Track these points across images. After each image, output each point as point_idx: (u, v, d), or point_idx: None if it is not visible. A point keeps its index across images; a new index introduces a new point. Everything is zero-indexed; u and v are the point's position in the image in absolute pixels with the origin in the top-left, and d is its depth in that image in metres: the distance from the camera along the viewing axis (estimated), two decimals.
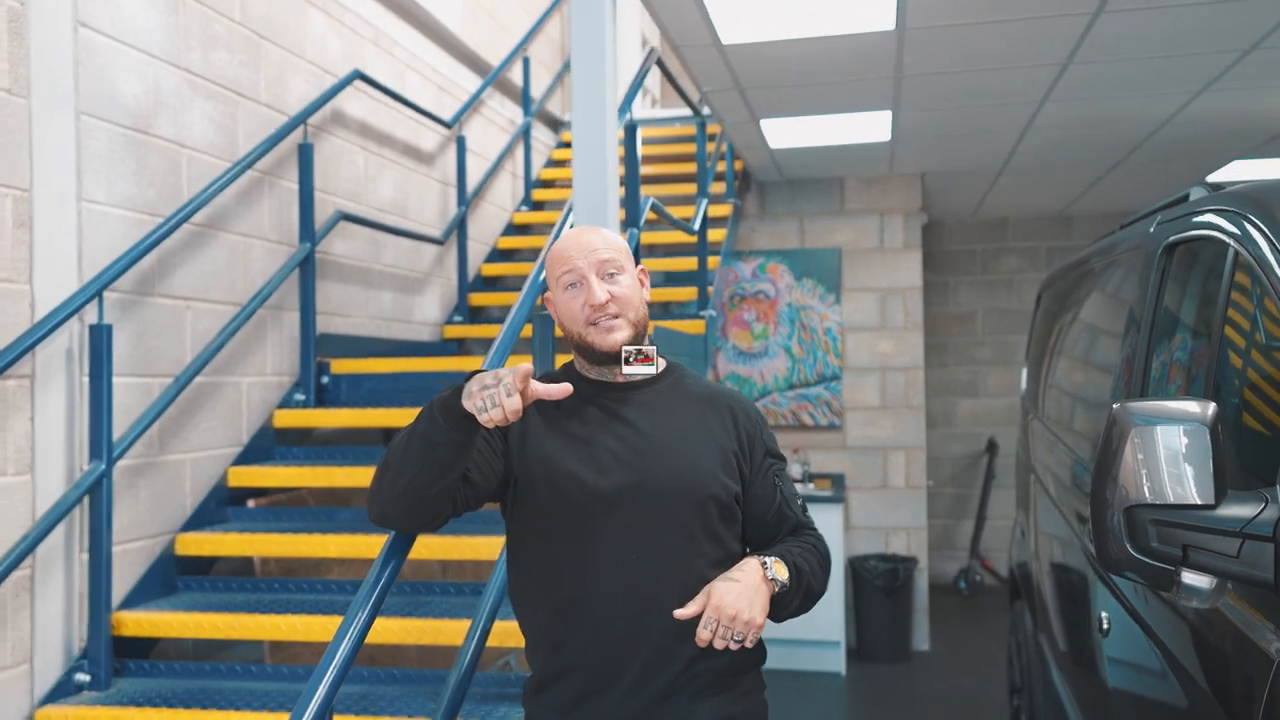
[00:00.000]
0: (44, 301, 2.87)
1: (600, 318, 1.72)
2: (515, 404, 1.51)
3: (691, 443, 1.73)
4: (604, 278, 1.73)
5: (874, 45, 3.94)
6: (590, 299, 1.71)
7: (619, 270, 1.74)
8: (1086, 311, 3.44)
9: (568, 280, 1.74)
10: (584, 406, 1.75)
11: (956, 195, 7.14)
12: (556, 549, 1.70)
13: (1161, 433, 1.52)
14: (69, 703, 2.86)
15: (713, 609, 1.52)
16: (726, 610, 1.52)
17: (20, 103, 2.82)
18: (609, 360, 1.73)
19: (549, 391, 1.59)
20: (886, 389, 6.45)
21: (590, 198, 2.68)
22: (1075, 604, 2.91)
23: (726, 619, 1.52)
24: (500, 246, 6.05)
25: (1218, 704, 1.68)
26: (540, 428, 1.74)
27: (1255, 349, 1.93)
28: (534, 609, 1.74)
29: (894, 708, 5.38)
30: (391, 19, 4.92)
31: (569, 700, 1.68)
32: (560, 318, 1.78)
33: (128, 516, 3.20)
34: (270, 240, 3.94)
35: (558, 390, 1.60)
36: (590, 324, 1.72)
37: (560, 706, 1.69)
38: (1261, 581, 1.47)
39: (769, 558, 1.63)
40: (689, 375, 1.86)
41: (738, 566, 1.60)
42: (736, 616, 1.52)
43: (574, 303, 1.74)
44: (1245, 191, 2.02)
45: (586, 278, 1.72)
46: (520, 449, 1.73)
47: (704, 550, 1.68)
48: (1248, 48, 4.05)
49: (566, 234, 1.80)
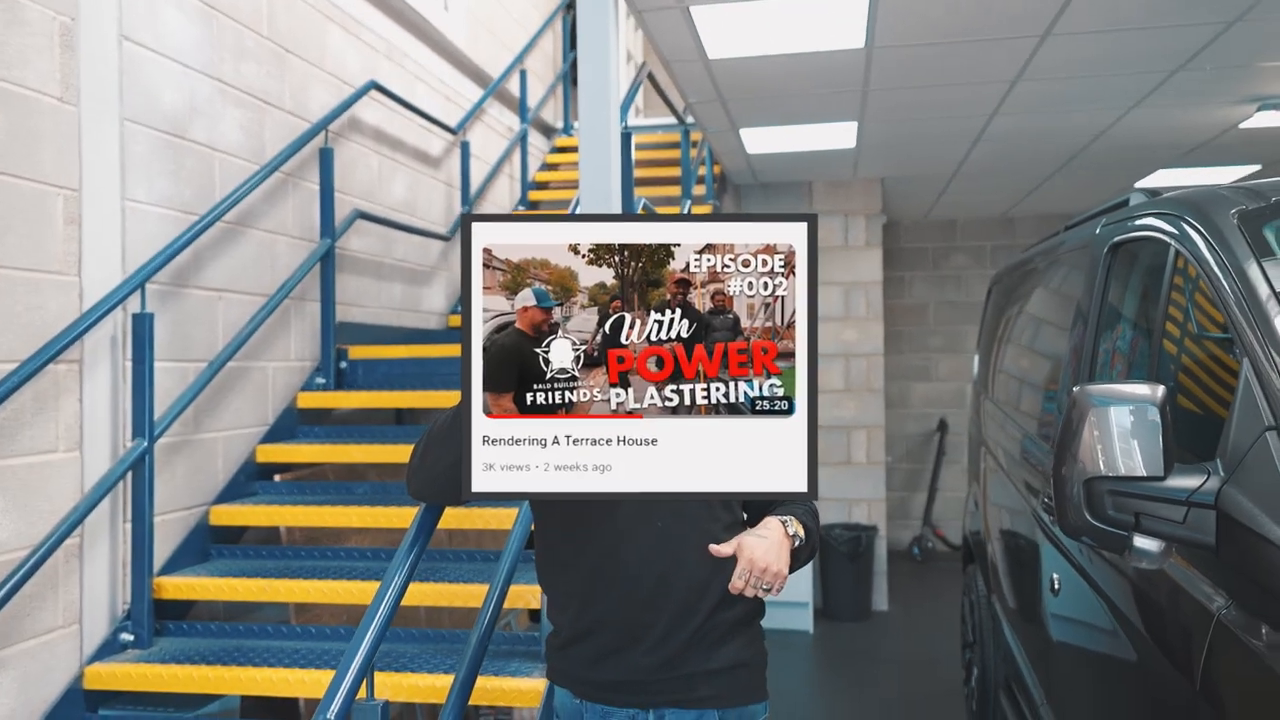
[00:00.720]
0: (91, 292, 2.86)
1: None
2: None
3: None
4: None
5: (845, 62, 3.97)
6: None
7: None
8: (1032, 305, 3.49)
9: None
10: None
11: (912, 198, 7.20)
12: (587, 518, 1.72)
13: (1116, 412, 1.56)
14: (115, 660, 2.86)
15: (746, 561, 1.54)
16: (758, 563, 1.54)
17: (71, 110, 2.80)
18: None
19: None
20: (850, 373, 6.51)
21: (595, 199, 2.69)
22: (1025, 567, 2.97)
23: (758, 570, 1.54)
24: None
25: (1162, 655, 1.73)
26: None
27: (1189, 338, 1.98)
28: (563, 573, 1.76)
29: (857, 661, 5.45)
30: (403, 35, 4.89)
31: (599, 654, 1.70)
32: None
33: (166, 490, 3.19)
34: (294, 236, 3.92)
35: None
36: None
37: (590, 659, 1.72)
38: (1204, 545, 1.52)
39: (787, 517, 1.65)
40: None
41: (763, 524, 1.62)
42: (767, 568, 1.54)
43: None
44: (1184, 197, 2.06)
45: None
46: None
47: (719, 515, 1.72)
48: (1174, 69, 4.10)
49: None
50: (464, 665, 2.06)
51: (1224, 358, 1.76)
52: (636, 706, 1.69)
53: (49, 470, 2.72)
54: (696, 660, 1.69)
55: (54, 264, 2.75)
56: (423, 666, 2.73)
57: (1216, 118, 4.93)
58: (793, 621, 5.85)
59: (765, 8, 3.39)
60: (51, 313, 2.73)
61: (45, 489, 2.70)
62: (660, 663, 1.68)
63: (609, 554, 1.70)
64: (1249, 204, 1.83)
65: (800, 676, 5.18)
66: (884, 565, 6.42)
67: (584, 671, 1.72)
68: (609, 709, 1.70)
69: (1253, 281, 1.65)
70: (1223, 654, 1.48)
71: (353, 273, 4.39)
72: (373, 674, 1.72)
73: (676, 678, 1.68)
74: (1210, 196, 1.95)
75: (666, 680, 1.68)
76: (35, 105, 2.69)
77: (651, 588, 1.68)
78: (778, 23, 3.53)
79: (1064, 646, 2.48)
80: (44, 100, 2.71)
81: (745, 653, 1.74)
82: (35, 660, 2.67)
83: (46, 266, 2.72)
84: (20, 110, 2.64)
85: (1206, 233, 1.84)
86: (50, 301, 2.73)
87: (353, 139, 4.37)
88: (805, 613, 5.86)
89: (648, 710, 1.69)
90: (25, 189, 2.65)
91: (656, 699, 1.69)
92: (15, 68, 2.63)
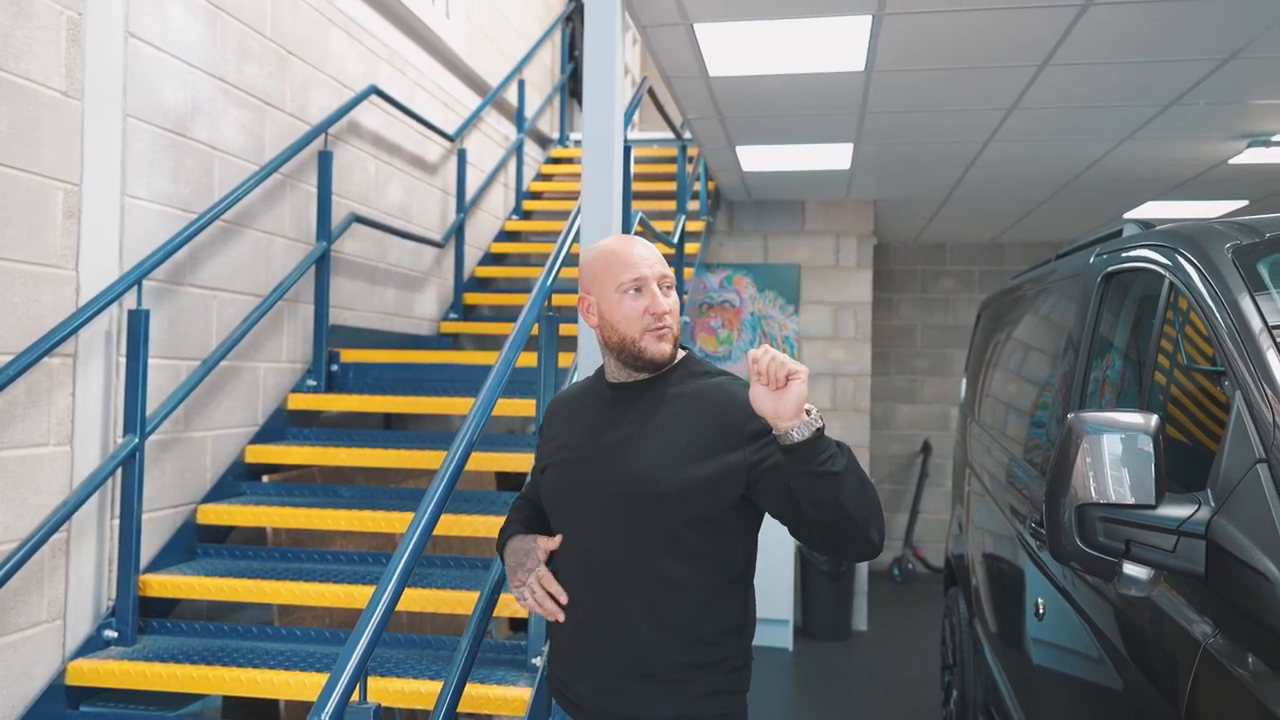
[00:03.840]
0: (88, 287, 2.85)
1: (659, 326, 1.66)
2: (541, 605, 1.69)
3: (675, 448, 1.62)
4: (663, 289, 1.69)
5: (844, 84, 4.01)
6: (655, 306, 1.66)
7: (671, 285, 1.71)
8: (1021, 331, 3.53)
9: (631, 285, 1.66)
10: (589, 410, 1.76)
11: (903, 221, 7.26)
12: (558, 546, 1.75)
13: (1109, 440, 1.58)
14: (98, 656, 2.84)
15: (765, 349, 1.47)
16: (777, 356, 1.45)
17: (74, 104, 2.80)
18: (647, 367, 1.69)
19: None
20: (837, 393, 6.55)
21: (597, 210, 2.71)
22: (1009, 591, 2.99)
23: (779, 360, 1.45)
24: (493, 251, 6.05)
25: (1147, 682, 1.75)
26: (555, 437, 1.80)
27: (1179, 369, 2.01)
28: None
29: (836, 680, 5.46)
30: (404, 41, 4.91)
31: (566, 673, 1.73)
32: (612, 319, 1.68)
33: (154, 487, 3.17)
34: (290, 238, 3.92)
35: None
36: (648, 330, 1.66)
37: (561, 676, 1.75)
38: (1194, 574, 1.54)
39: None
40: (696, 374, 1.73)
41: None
42: (785, 363, 1.45)
43: (635, 306, 1.66)
44: (1179, 230, 2.09)
45: (651, 287, 1.67)
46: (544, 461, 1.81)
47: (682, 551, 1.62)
48: (1168, 103, 4.17)
49: (622, 241, 1.72)
50: (455, 672, 2.06)
51: (1213, 390, 1.79)
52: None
53: (39, 463, 2.71)
54: (627, 702, 1.62)
55: (52, 257, 2.74)
56: (408, 672, 2.73)
57: (1207, 152, 5.01)
58: (772, 639, 5.86)
59: (769, 28, 3.43)
60: (47, 306, 2.73)
61: (34, 482, 2.69)
62: (595, 691, 1.65)
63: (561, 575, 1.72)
64: (1243, 239, 1.86)
65: (779, 694, 5.18)
66: (864, 585, 6.44)
67: (557, 684, 1.76)
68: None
69: (1246, 315, 1.68)
70: (1209, 683, 1.50)
71: (347, 276, 4.39)
72: (366, 677, 1.72)
73: (609, 710, 1.64)
74: (1205, 230, 1.99)
75: (599, 708, 1.65)
76: (38, 98, 2.68)
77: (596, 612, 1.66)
78: (780, 43, 3.58)
79: (1047, 671, 2.50)
80: (47, 93, 2.71)
81: (692, 708, 1.61)
82: (17, 654, 2.65)
83: (44, 260, 2.72)
84: (23, 102, 2.64)
85: (1201, 266, 1.88)
86: (47, 295, 2.73)
87: (351, 143, 4.38)
88: (785, 630, 5.88)
89: None
90: (25, 181, 2.65)
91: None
92: (20, 60, 2.63)
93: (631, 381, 1.73)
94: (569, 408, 1.81)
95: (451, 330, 5.30)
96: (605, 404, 1.74)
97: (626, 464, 1.64)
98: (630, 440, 1.66)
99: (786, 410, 1.45)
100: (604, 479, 1.66)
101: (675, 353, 1.71)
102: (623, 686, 1.62)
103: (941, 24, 3.35)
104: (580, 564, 1.68)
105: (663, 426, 1.65)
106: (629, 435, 1.67)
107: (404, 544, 1.89)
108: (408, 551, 1.90)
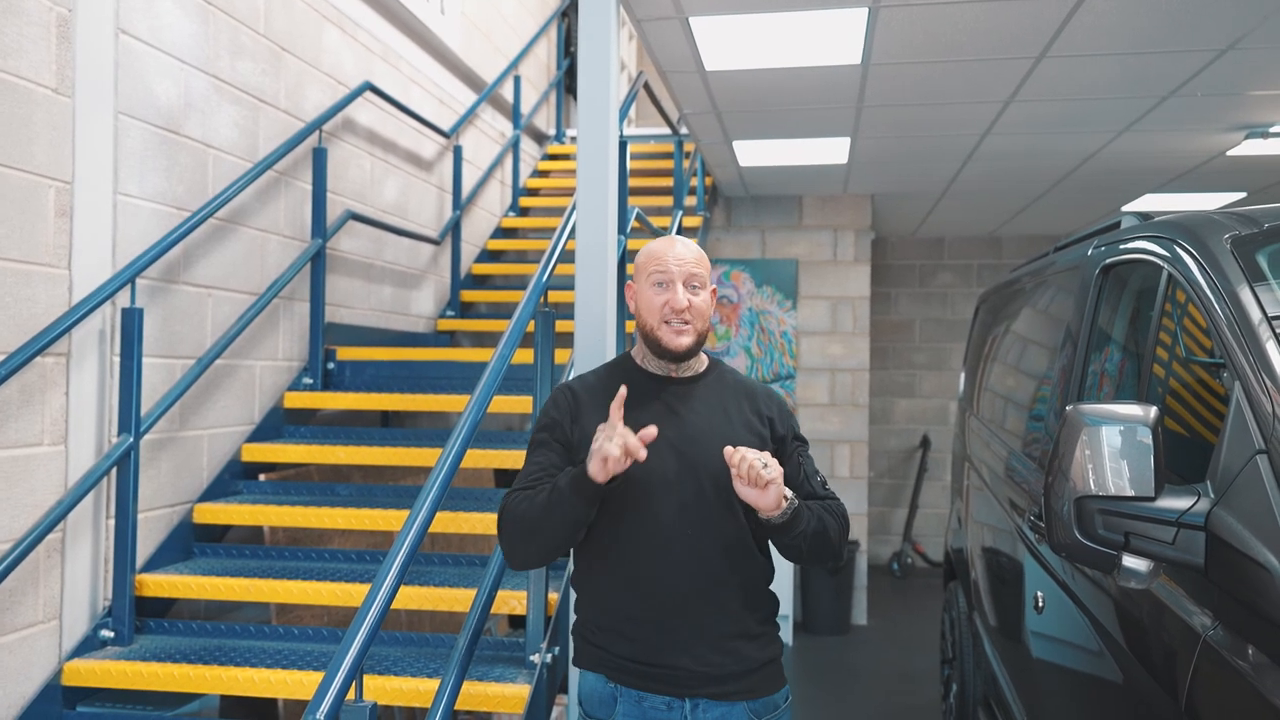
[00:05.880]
0: (81, 286, 2.83)
1: (675, 320, 1.84)
2: (616, 449, 1.65)
3: (734, 431, 1.86)
4: (689, 288, 1.85)
5: (841, 77, 4.00)
6: (673, 302, 1.84)
7: (701, 286, 1.87)
8: (1020, 324, 3.52)
9: (658, 279, 1.86)
10: (645, 400, 1.87)
11: (901, 215, 7.25)
12: (636, 517, 1.80)
13: (1108, 432, 1.57)
14: (94, 656, 2.83)
15: (742, 452, 1.69)
16: (754, 463, 1.67)
17: (65, 102, 2.78)
18: (670, 357, 1.87)
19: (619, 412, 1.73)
20: (835, 388, 6.54)
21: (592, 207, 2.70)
22: (1008, 584, 2.98)
23: (750, 459, 1.67)
24: (489, 248, 6.04)
25: (1146, 675, 1.75)
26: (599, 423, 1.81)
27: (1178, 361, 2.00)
28: (609, 568, 1.84)
29: (836, 674, 5.46)
30: (399, 37, 4.89)
31: (640, 645, 1.81)
32: (639, 308, 1.90)
33: (150, 487, 3.16)
34: (285, 236, 3.90)
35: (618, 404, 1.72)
36: (664, 322, 1.85)
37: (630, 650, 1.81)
38: (1194, 566, 1.53)
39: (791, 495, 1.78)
40: (728, 370, 2.00)
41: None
42: (759, 471, 1.66)
43: (656, 299, 1.86)
44: (1178, 221, 2.08)
45: (674, 283, 1.84)
46: (583, 444, 1.83)
47: (740, 521, 1.83)
48: (1165, 95, 4.16)
49: (665, 240, 1.91)
50: (452, 670, 2.05)
51: (1212, 382, 1.78)
52: (673, 695, 1.80)
53: (33, 463, 2.69)
54: (733, 658, 1.81)
55: (44, 256, 2.73)
56: (406, 670, 2.72)
57: (1205, 144, 5.00)
58: None
59: (764, 21, 3.41)
60: (40, 305, 2.71)
61: (29, 482, 2.68)
62: (700, 659, 1.79)
63: (654, 553, 1.80)
64: (1242, 229, 1.85)
65: None
66: (864, 580, 6.44)
67: (623, 660, 1.82)
68: (644, 694, 1.80)
69: (1245, 306, 1.67)
70: (1208, 675, 1.49)
71: (343, 274, 4.37)
72: (362, 675, 1.71)
73: (711, 674, 1.79)
74: (1204, 221, 1.97)
75: (704, 674, 1.79)
76: (29, 95, 2.67)
77: (691, 589, 1.80)
78: (776, 37, 3.56)
79: (1046, 664, 2.50)
80: (38, 91, 2.70)
81: (768, 651, 1.88)
82: (14, 655, 2.64)
83: (37, 258, 2.70)
84: (13, 100, 2.62)
85: (1200, 257, 1.86)
86: (40, 293, 2.71)
87: (346, 140, 4.36)
88: (785, 625, 5.87)
89: (683, 699, 1.80)
90: (17, 179, 2.63)
91: (692, 690, 1.80)
92: (10, 57, 2.61)
93: (680, 377, 1.92)
94: (595, 400, 1.88)
95: (449, 328, 5.28)
96: (656, 393, 1.89)
97: (709, 444, 1.82)
98: (708, 425, 1.86)
99: (768, 505, 1.71)
100: (696, 462, 1.82)
101: (698, 347, 1.89)
102: (728, 648, 1.81)
103: (938, 16, 3.34)
104: (672, 546, 1.80)
105: (722, 413, 1.89)
106: (699, 419, 1.87)
107: (399, 541, 1.88)
108: (403, 549, 1.89)
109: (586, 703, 1.87)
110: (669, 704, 1.80)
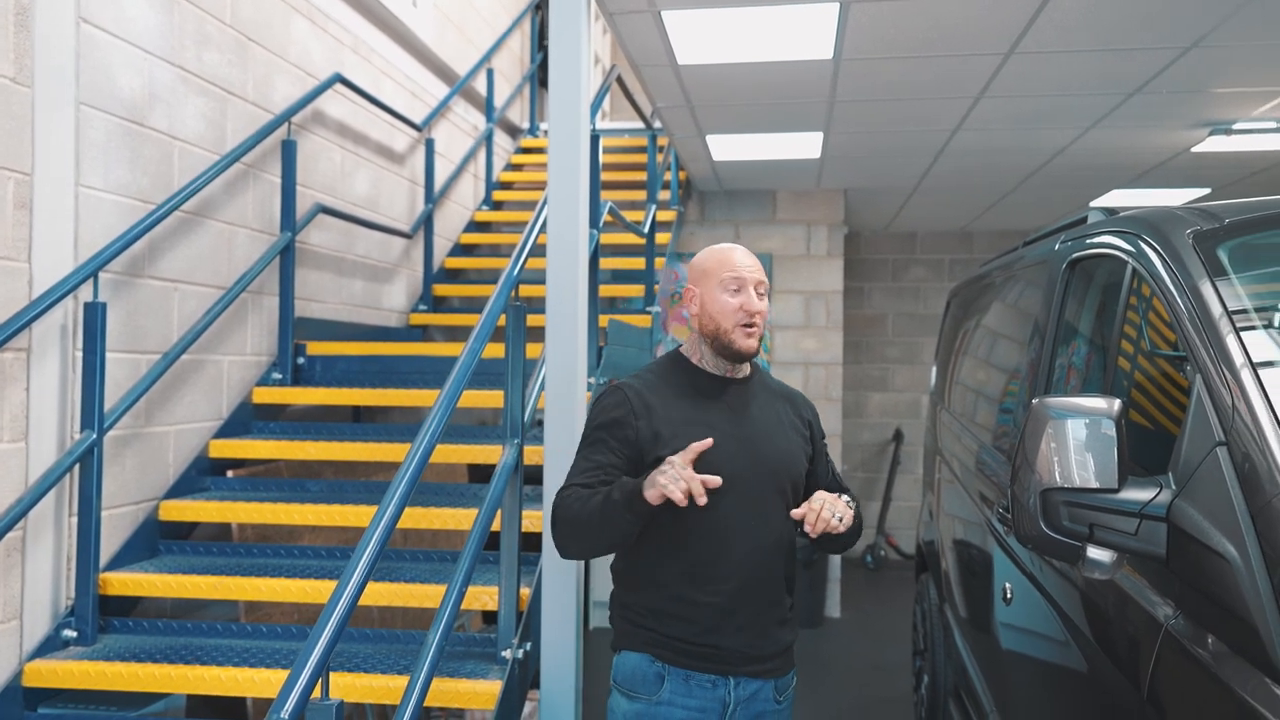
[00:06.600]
0: (41, 280, 2.78)
1: (750, 324, 1.97)
2: (679, 494, 1.70)
3: (785, 432, 2.05)
4: (758, 295, 1.99)
5: (813, 72, 4.01)
6: (749, 305, 1.97)
7: (763, 293, 2.01)
8: (990, 318, 3.54)
9: (733, 285, 1.98)
10: (710, 399, 2.00)
11: (874, 210, 7.28)
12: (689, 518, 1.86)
13: (1073, 425, 1.58)
14: (57, 657, 2.79)
15: (820, 499, 1.84)
16: (830, 502, 1.84)
17: (24, 92, 2.73)
18: (735, 358, 1.99)
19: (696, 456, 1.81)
20: (809, 382, 6.56)
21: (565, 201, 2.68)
22: (978, 576, 3.01)
23: (829, 503, 1.84)
24: (462, 242, 6.01)
25: (1110, 664, 1.77)
26: (670, 422, 1.95)
27: (1142, 355, 2.02)
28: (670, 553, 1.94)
29: (809, 666, 5.48)
30: (370, 29, 4.84)
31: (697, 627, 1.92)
32: (710, 310, 1.99)
33: (115, 484, 3.11)
34: (253, 229, 3.86)
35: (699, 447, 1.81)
36: (741, 325, 1.97)
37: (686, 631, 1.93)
38: (1156, 556, 1.55)
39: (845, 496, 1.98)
40: (766, 375, 2.16)
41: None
42: (831, 520, 1.83)
43: (732, 302, 1.97)
44: (1142, 215, 2.10)
45: (748, 287, 1.98)
46: (653, 442, 1.93)
47: (788, 517, 1.95)
48: (1131, 91, 4.20)
49: (726, 248, 2.04)
50: (422, 666, 2.04)
51: (1175, 375, 1.80)
52: (719, 674, 1.93)
53: None
54: (772, 641, 1.99)
55: (3, 249, 2.68)
56: (376, 667, 2.70)
57: (1170, 141, 5.05)
58: None
59: (737, 15, 3.41)
60: None
61: None
62: (747, 641, 1.95)
63: (718, 543, 1.92)
64: (1204, 224, 1.87)
65: None
66: (838, 572, 6.48)
67: (675, 640, 1.93)
68: (692, 673, 1.92)
69: (1206, 300, 1.69)
70: (1170, 663, 1.51)
71: (313, 267, 4.33)
72: (328, 673, 1.69)
73: (752, 654, 1.95)
74: (1167, 216, 1.99)
75: (748, 654, 1.94)
76: None
77: (748, 577, 1.94)
78: (748, 31, 3.56)
79: (1014, 655, 2.52)
80: None
81: (792, 634, 2.07)
82: None
83: None
84: None
85: (1163, 251, 1.88)
86: None
87: (316, 132, 4.32)
88: None
89: (728, 677, 1.94)
90: None
91: (737, 669, 1.94)
92: None
93: (737, 378, 2.04)
94: (661, 399, 1.98)
95: (421, 322, 5.25)
96: (719, 393, 2.01)
97: (772, 445, 2.00)
98: (766, 425, 2.02)
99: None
100: (758, 460, 1.96)
101: (760, 350, 2.06)
102: (769, 632, 1.98)
103: (908, 11, 3.35)
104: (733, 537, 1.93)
105: (774, 413, 2.06)
106: (758, 419, 2.01)
107: (366, 537, 1.87)
108: (371, 545, 1.88)
109: (628, 682, 1.96)
110: (714, 681, 1.93)
